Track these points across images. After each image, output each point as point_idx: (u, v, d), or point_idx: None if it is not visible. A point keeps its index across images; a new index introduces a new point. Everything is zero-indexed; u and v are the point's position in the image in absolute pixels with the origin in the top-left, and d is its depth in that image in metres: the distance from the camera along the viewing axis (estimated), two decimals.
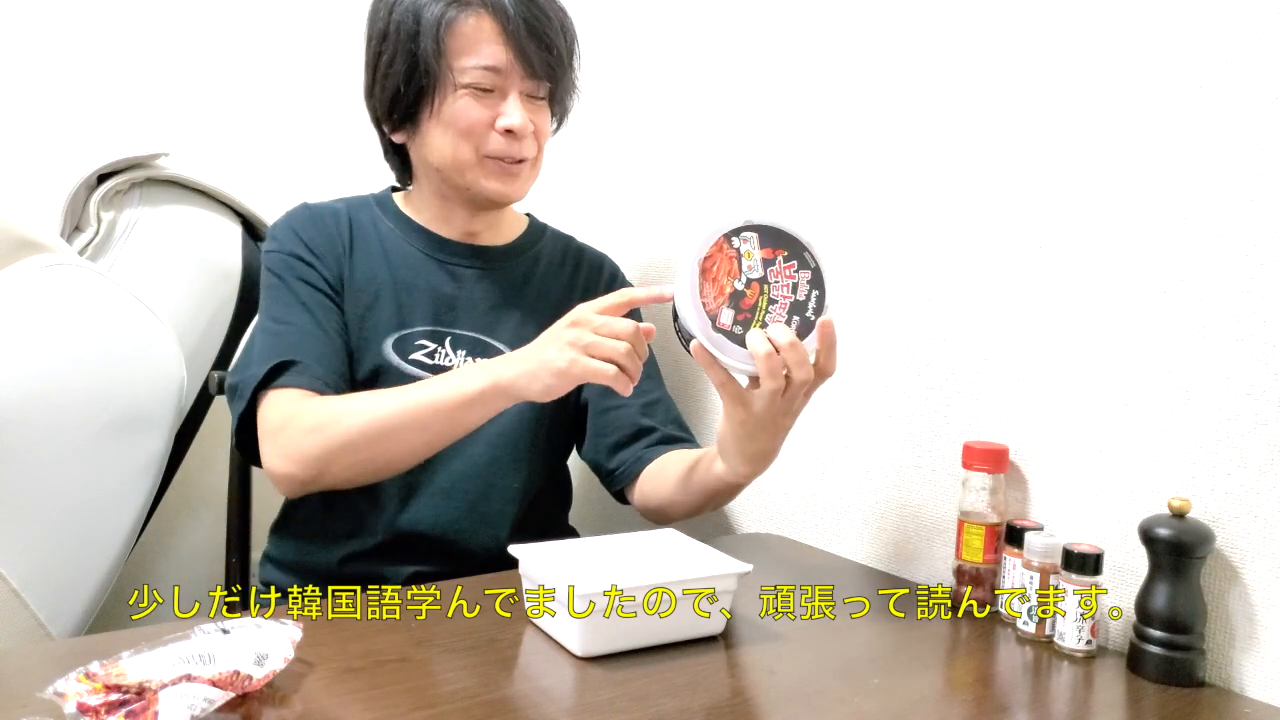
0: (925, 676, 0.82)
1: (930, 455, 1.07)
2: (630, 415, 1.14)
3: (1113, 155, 0.92)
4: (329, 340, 1.05)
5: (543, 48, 1.06)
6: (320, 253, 1.09)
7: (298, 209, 1.14)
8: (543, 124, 1.11)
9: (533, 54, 1.05)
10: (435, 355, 1.10)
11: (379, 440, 0.97)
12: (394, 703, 0.70)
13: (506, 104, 1.07)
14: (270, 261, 1.10)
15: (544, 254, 1.21)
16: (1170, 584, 0.82)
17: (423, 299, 1.11)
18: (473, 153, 1.08)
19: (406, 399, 0.97)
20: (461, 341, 1.11)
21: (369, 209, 1.16)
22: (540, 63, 1.06)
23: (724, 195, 1.31)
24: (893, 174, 1.11)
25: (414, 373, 1.08)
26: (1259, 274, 0.82)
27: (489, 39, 1.05)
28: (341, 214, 1.14)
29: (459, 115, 1.06)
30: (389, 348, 1.08)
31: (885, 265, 1.12)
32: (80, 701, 0.61)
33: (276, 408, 1.00)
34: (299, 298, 1.06)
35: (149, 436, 1.13)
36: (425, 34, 1.05)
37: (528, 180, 1.12)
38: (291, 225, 1.12)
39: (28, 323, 1.07)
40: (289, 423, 0.98)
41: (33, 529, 1.06)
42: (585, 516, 1.28)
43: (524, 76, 1.07)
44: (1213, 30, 0.85)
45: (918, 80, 1.09)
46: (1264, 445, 0.82)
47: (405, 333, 1.09)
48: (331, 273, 1.09)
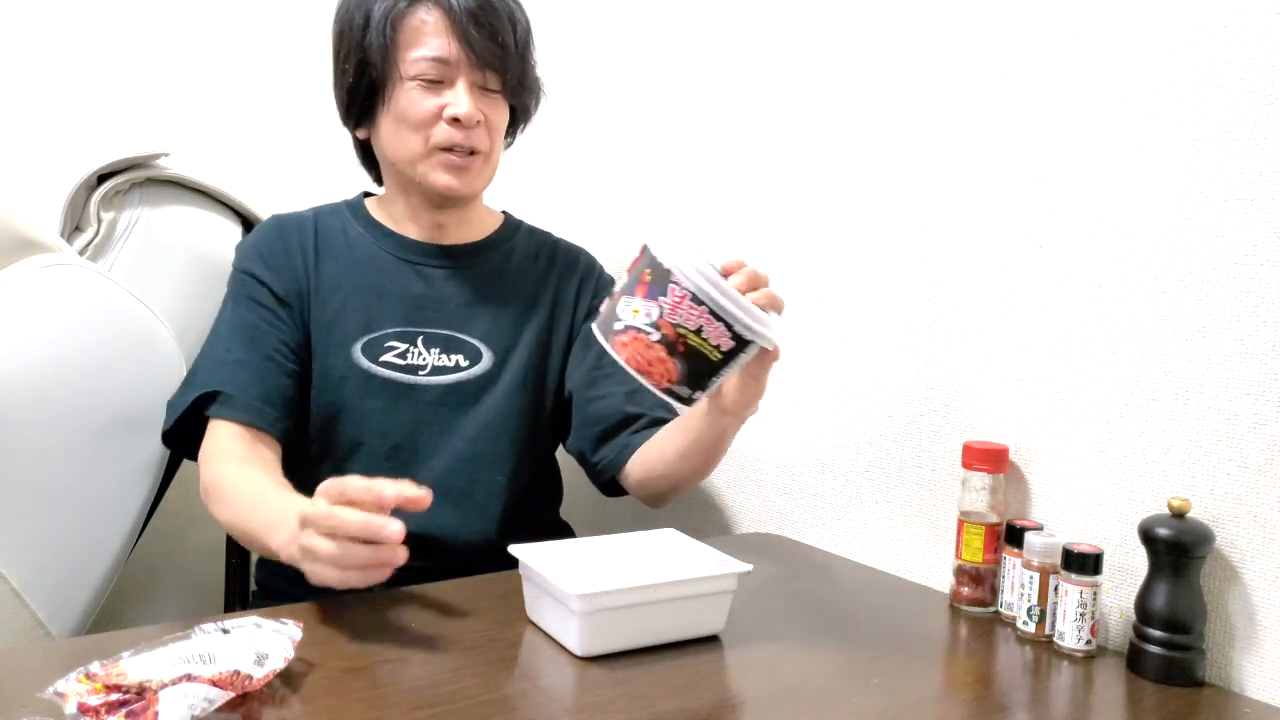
0: (925, 676, 0.82)
1: (930, 455, 1.07)
2: (615, 404, 1.14)
3: (1112, 155, 0.92)
4: (259, 368, 1.06)
5: (489, 37, 1.07)
6: (276, 266, 1.11)
7: (265, 222, 1.17)
8: (495, 117, 1.11)
9: (478, 44, 1.06)
10: (408, 355, 1.10)
11: (234, 533, 1.01)
12: (394, 703, 0.70)
13: (453, 92, 1.07)
14: (231, 277, 1.14)
15: (517, 249, 1.21)
16: (1170, 584, 0.82)
17: (392, 301, 1.12)
18: (422, 144, 1.08)
19: (245, 518, 0.96)
20: (435, 340, 1.12)
21: (339, 215, 1.17)
22: (486, 52, 1.07)
23: (714, 192, 1.31)
24: (893, 174, 1.11)
25: (385, 374, 1.09)
26: (1259, 274, 0.82)
27: (435, 31, 1.06)
28: (308, 224, 1.15)
29: (408, 107, 1.07)
30: (358, 351, 1.09)
31: (885, 265, 1.12)
32: (81, 702, 0.61)
33: (206, 441, 1.05)
34: (245, 322, 1.09)
35: (149, 436, 1.13)
36: (374, 28, 1.07)
37: (480, 174, 1.12)
38: (254, 241, 1.14)
39: (28, 323, 1.07)
40: (202, 465, 1.04)
41: (33, 529, 1.06)
42: (577, 511, 1.27)
43: (471, 67, 1.07)
44: (1213, 30, 0.85)
45: (917, 78, 1.09)
46: (1264, 445, 0.82)
47: (374, 335, 1.10)
48: (287, 287, 1.10)
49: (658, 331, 0.80)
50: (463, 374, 1.12)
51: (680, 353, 0.81)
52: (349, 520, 0.77)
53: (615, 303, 0.83)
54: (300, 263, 1.12)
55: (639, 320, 0.81)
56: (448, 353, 1.12)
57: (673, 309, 0.80)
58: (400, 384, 1.09)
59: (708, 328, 0.81)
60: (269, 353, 1.08)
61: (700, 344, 0.81)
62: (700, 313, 0.80)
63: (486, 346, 1.13)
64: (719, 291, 0.80)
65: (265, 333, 1.09)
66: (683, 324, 0.80)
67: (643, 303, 0.81)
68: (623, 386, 1.14)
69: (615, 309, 0.83)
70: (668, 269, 0.80)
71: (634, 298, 0.82)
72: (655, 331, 0.80)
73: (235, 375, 1.05)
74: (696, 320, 0.80)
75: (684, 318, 0.80)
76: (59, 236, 1.23)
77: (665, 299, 0.80)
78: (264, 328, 1.09)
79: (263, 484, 0.98)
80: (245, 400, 1.04)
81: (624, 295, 0.83)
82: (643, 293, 0.81)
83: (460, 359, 1.12)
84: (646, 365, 0.81)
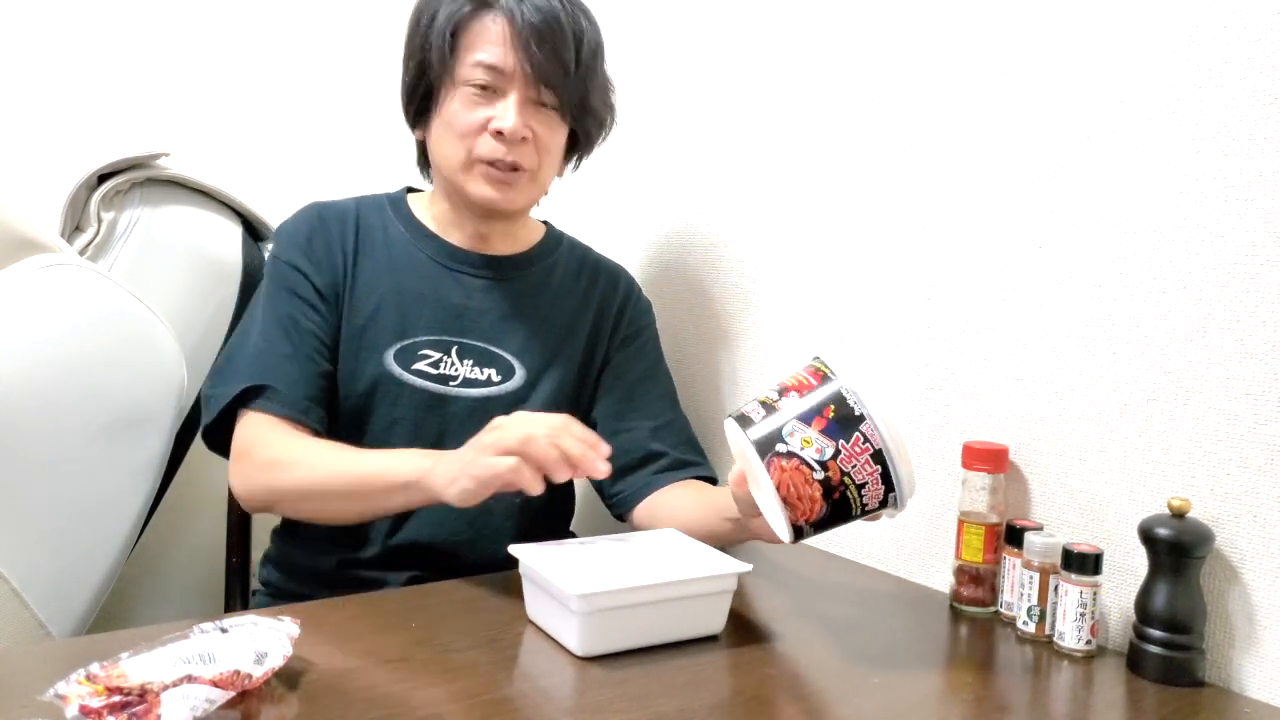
0: (925, 676, 0.82)
1: (930, 455, 1.07)
2: (640, 439, 1.12)
3: (1112, 155, 0.92)
4: (303, 364, 1.04)
5: (549, 53, 1.04)
6: (319, 260, 1.08)
7: (307, 209, 1.12)
8: (547, 136, 1.08)
9: (536, 58, 1.04)
10: (440, 365, 1.08)
11: (313, 499, 1.00)
12: (394, 703, 0.70)
13: (503, 104, 1.05)
14: (270, 265, 1.10)
15: (559, 265, 1.18)
16: (1170, 584, 0.82)
17: (428, 308, 1.09)
18: (465, 154, 1.06)
19: (343, 468, 0.97)
20: (469, 351, 1.09)
21: (381, 211, 1.14)
22: (543, 68, 1.04)
23: (714, 193, 1.31)
24: (893, 174, 1.11)
25: (417, 383, 1.07)
26: (1259, 274, 0.82)
27: (496, 39, 1.04)
28: (350, 216, 1.12)
29: (457, 113, 1.06)
30: (390, 358, 1.07)
31: (885, 265, 1.12)
32: (83, 704, 0.61)
33: (245, 431, 1.02)
34: (285, 314, 1.06)
35: (149, 436, 1.13)
36: (437, 30, 1.05)
37: (523, 191, 1.09)
38: (296, 228, 1.10)
39: (28, 323, 1.07)
40: (249, 451, 1.01)
41: (33, 529, 1.06)
42: (588, 525, 1.27)
43: (525, 81, 1.05)
44: (1213, 30, 0.85)
45: (917, 78, 1.09)
46: (1264, 445, 0.82)
47: (408, 342, 1.08)
48: (325, 281, 1.08)
49: (824, 471, 0.77)
50: (494, 389, 1.09)
51: (834, 499, 0.78)
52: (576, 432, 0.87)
53: (780, 420, 0.79)
54: (340, 258, 1.09)
55: (809, 454, 0.77)
56: (480, 366, 1.09)
57: (849, 457, 0.77)
58: (431, 394, 1.07)
59: (871, 486, 0.78)
60: (311, 349, 1.05)
61: (854, 498, 0.78)
62: (874, 471, 0.77)
63: (520, 363, 1.11)
64: (901, 459, 0.77)
65: (306, 327, 1.06)
66: (852, 475, 0.77)
67: (819, 437, 0.77)
68: (649, 421, 1.13)
69: (781, 429, 0.78)
70: (860, 416, 0.77)
71: (809, 428, 0.78)
72: (821, 471, 0.77)
73: (281, 369, 1.03)
74: (865, 475, 0.77)
75: (856, 469, 0.77)
76: (59, 236, 1.23)
77: (846, 444, 0.77)
78: (304, 322, 1.06)
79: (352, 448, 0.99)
80: (293, 396, 1.02)
81: (796, 419, 0.78)
82: (821, 426, 0.78)
83: (493, 373, 1.10)
84: (796, 498, 0.77)
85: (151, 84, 1.77)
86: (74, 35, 1.70)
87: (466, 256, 1.13)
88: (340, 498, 0.98)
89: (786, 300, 1.23)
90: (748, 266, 1.28)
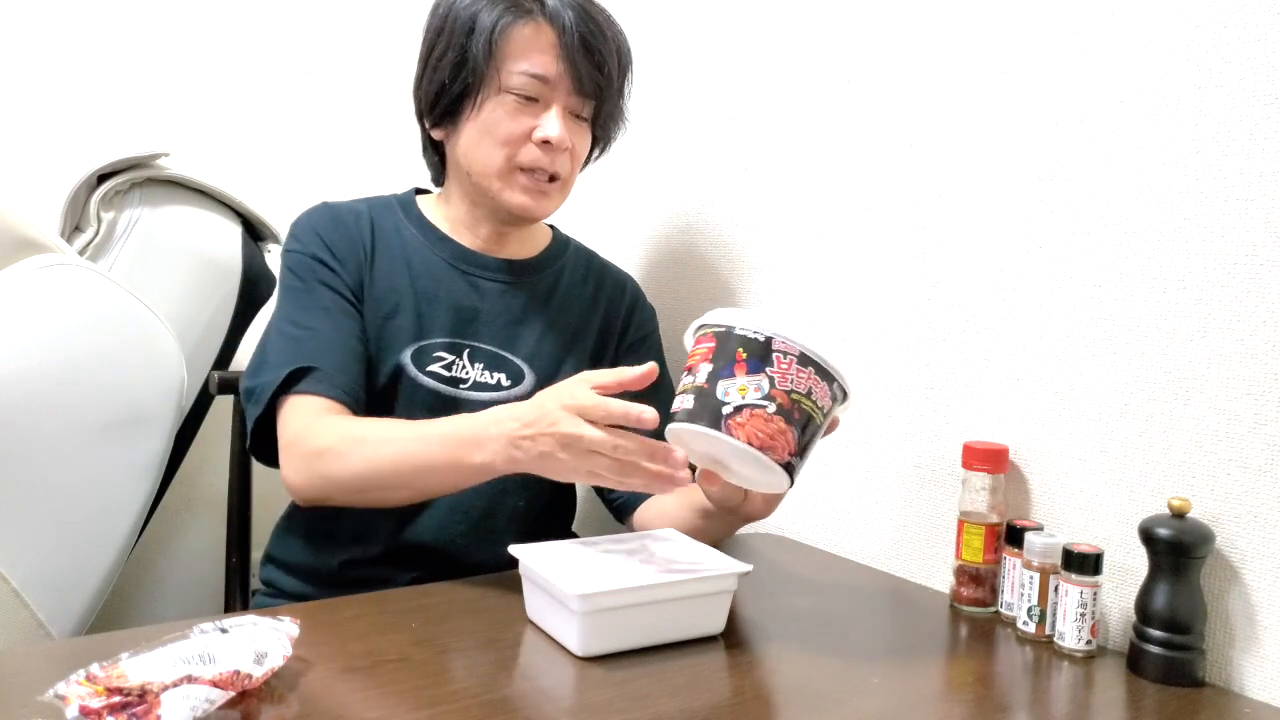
0: (925, 676, 0.82)
1: (930, 455, 1.07)
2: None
3: (1112, 155, 0.92)
4: (349, 348, 1.03)
5: (594, 65, 1.05)
6: (342, 256, 1.07)
7: (318, 208, 1.12)
8: (580, 145, 1.10)
9: (583, 69, 1.04)
10: (453, 367, 1.08)
11: (376, 485, 0.96)
12: (394, 703, 0.70)
13: (547, 115, 1.05)
14: (291, 261, 1.08)
15: (567, 269, 1.19)
16: (1170, 584, 0.82)
17: (442, 310, 1.09)
18: (505, 161, 1.06)
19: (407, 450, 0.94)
20: (480, 354, 1.09)
21: (392, 212, 1.14)
22: (589, 79, 1.05)
23: (714, 193, 1.31)
24: (893, 174, 1.11)
25: (430, 384, 1.06)
26: (1259, 274, 0.82)
27: (542, 49, 1.04)
28: (363, 216, 1.12)
29: (498, 120, 1.05)
30: (407, 358, 1.07)
31: (885, 265, 1.12)
32: (83, 704, 0.61)
33: (295, 417, 0.99)
34: (320, 302, 1.04)
35: (149, 436, 1.13)
36: (480, 33, 1.04)
37: (556, 199, 1.10)
38: (314, 226, 1.09)
39: (28, 323, 1.07)
40: (302, 438, 0.97)
41: (33, 529, 1.06)
42: (589, 525, 1.27)
43: (570, 91, 1.06)
44: (1213, 30, 0.85)
45: (917, 78, 1.09)
46: (1264, 445, 0.82)
47: (423, 344, 1.07)
48: (352, 278, 1.07)
49: (773, 403, 0.79)
50: (504, 393, 1.09)
51: (796, 419, 0.80)
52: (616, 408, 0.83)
53: (709, 391, 0.80)
54: (361, 255, 1.09)
55: (751, 397, 0.79)
56: (491, 370, 1.09)
57: (782, 376, 0.79)
58: (443, 396, 1.07)
59: (816, 389, 0.80)
60: (352, 334, 1.03)
61: (812, 408, 0.80)
62: (808, 374, 0.80)
63: (530, 368, 1.11)
64: (822, 348, 0.80)
65: (347, 311, 1.05)
66: (795, 389, 0.79)
67: (747, 379, 0.79)
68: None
69: (716, 395, 0.80)
70: (768, 337, 0.79)
71: (734, 379, 0.79)
72: (770, 403, 0.79)
73: (326, 351, 1.01)
74: (806, 383, 0.80)
75: (794, 382, 0.79)
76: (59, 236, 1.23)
77: (771, 369, 0.79)
78: (343, 307, 1.05)
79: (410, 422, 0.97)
80: (342, 379, 0.99)
81: (722, 381, 0.80)
82: (743, 370, 0.80)
83: (503, 378, 1.10)
84: (769, 440, 0.79)
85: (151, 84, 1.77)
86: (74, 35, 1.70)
87: (480, 259, 1.13)
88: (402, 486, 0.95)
89: (786, 301, 1.23)
90: (748, 267, 1.28)
